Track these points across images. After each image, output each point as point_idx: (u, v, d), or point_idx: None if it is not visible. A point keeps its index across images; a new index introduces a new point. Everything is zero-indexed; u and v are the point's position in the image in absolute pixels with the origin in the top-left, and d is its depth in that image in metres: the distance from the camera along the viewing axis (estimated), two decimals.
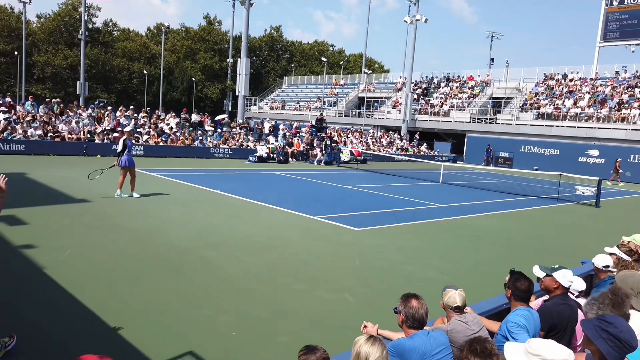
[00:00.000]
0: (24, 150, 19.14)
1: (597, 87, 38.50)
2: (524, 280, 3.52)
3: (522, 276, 3.57)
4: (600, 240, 9.98)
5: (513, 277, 3.57)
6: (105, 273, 6.29)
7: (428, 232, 10.51)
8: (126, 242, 7.81)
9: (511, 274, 3.62)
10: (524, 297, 3.50)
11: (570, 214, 15.05)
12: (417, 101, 46.38)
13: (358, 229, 10.11)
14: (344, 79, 60.90)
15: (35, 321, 4.76)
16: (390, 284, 6.82)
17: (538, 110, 37.74)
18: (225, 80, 70.90)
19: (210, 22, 79.02)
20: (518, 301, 3.51)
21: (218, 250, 7.77)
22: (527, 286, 3.50)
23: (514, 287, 3.50)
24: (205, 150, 24.96)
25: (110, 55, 66.42)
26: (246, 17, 41.33)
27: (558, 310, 3.60)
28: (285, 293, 6.10)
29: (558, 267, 3.90)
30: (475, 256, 8.75)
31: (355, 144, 33.68)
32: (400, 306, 3.16)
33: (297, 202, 12.89)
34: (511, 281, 3.55)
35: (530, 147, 34.65)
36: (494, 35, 70.04)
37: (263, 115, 51.81)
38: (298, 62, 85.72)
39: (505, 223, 12.53)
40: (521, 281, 3.51)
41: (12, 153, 18.51)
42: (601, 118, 34.11)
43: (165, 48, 67.92)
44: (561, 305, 3.64)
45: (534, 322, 3.40)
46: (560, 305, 3.64)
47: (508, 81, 45.56)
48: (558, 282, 3.78)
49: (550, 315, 3.58)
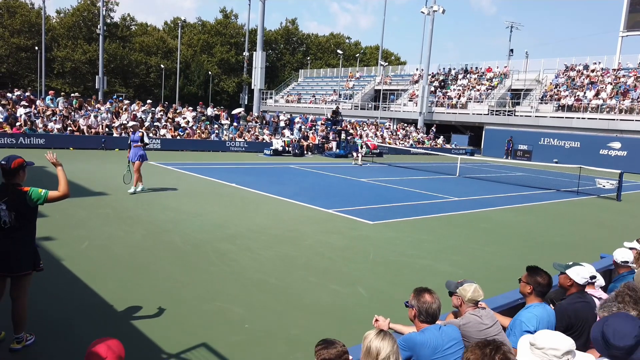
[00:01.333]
0: (44, 144, 19.48)
1: (619, 77, 37.52)
2: (545, 275, 3.45)
3: (542, 270, 3.50)
4: (620, 235, 9.77)
5: (533, 272, 3.50)
6: (121, 265, 6.38)
7: (443, 226, 10.40)
8: (142, 234, 7.90)
9: (529, 269, 3.55)
10: (545, 292, 3.44)
11: (590, 208, 14.75)
12: (434, 93, 45.86)
13: (373, 222, 10.07)
14: (359, 72, 60.51)
15: (52, 311, 4.85)
16: (404, 277, 6.77)
17: (558, 102, 36.99)
18: (241, 73, 71.07)
19: (227, 16, 79.16)
20: (538, 296, 3.45)
21: (233, 243, 7.81)
22: (547, 280, 3.43)
23: (535, 282, 3.43)
24: (221, 144, 25.11)
25: (128, 49, 67.07)
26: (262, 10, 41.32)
27: (574, 309, 3.50)
28: (299, 286, 6.11)
29: (572, 263, 3.81)
30: (490, 250, 8.64)
31: (371, 137, 33.51)
32: (413, 300, 3.12)
33: (311, 195, 12.88)
34: (531, 276, 3.47)
35: (550, 140, 34.03)
36: (513, 25, 68.70)
37: (279, 108, 51.86)
38: (314, 55, 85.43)
39: (523, 217, 12.34)
40: (542, 275, 3.44)
41: (33, 147, 18.86)
42: (624, 110, 33.27)
43: (182, 42, 68.31)
44: (577, 304, 3.55)
45: (548, 319, 3.33)
46: (575, 303, 3.55)
47: (527, 72, 44.67)
48: (572, 280, 3.69)
49: (567, 314, 3.49)
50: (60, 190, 4.17)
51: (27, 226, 4.06)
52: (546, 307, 3.39)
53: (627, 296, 3.11)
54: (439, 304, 3.06)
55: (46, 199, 4.04)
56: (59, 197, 4.16)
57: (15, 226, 3.92)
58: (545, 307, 3.39)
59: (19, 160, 4.02)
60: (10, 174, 3.99)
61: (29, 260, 4.06)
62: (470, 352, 2.16)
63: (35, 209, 4.10)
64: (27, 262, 4.04)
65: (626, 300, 3.09)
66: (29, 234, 4.09)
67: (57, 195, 4.14)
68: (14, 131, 19.21)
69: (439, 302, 3.07)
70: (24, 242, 4.03)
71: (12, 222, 3.91)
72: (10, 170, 3.98)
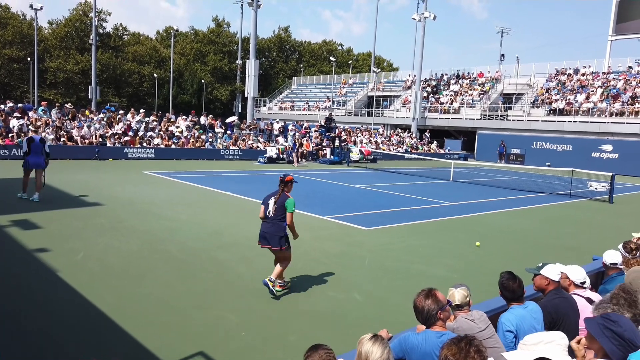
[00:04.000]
0: None
1: (609, 81, 37.97)
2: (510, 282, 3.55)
3: (511, 278, 3.59)
4: (613, 237, 9.88)
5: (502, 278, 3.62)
6: (117, 275, 6.38)
7: (438, 231, 10.47)
8: (138, 244, 7.91)
9: (500, 275, 3.67)
10: (511, 298, 3.55)
11: (583, 210, 14.89)
12: (427, 99, 46.15)
13: (368, 228, 10.12)
14: (352, 78, 60.81)
15: (48, 324, 4.85)
16: (399, 283, 6.82)
17: (550, 106, 37.33)
18: (234, 81, 71.23)
19: (219, 24, 79.37)
20: (510, 302, 3.57)
21: (228, 251, 7.83)
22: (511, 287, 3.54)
23: (503, 287, 3.56)
24: (215, 152, 25.13)
25: (120, 59, 67.08)
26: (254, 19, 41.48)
27: (553, 305, 3.64)
28: (295, 292, 6.14)
29: (542, 264, 3.96)
30: (485, 253, 8.71)
31: (365, 143, 33.65)
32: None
33: (306, 203, 12.91)
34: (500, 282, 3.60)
35: (542, 143, 34.32)
36: (504, 30, 69.40)
37: (273, 116, 51.95)
38: (307, 62, 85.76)
39: (517, 220, 12.44)
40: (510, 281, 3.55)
41: None
42: (614, 112, 33.64)
43: (174, 51, 68.40)
44: (555, 300, 3.69)
45: (531, 318, 3.42)
46: (554, 299, 3.68)
47: (519, 77, 45.08)
48: (548, 278, 3.83)
49: (547, 311, 3.62)
50: (290, 222, 6.08)
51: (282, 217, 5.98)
52: (527, 306, 3.50)
53: (621, 298, 3.17)
54: (428, 309, 2.98)
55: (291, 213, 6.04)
56: (290, 223, 6.05)
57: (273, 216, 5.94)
58: (527, 307, 3.50)
59: (290, 177, 6.18)
60: (284, 184, 6.08)
61: (282, 241, 5.96)
62: (446, 348, 2.24)
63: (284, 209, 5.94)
64: (281, 242, 5.94)
65: (621, 302, 3.14)
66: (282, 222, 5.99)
67: (290, 222, 6.05)
68: (7, 142, 19.16)
69: (429, 308, 2.99)
70: (278, 227, 5.93)
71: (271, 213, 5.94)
72: (284, 181, 6.08)
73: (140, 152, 22.38)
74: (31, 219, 9.11)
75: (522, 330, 3.33)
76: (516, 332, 3.32)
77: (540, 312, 3.53)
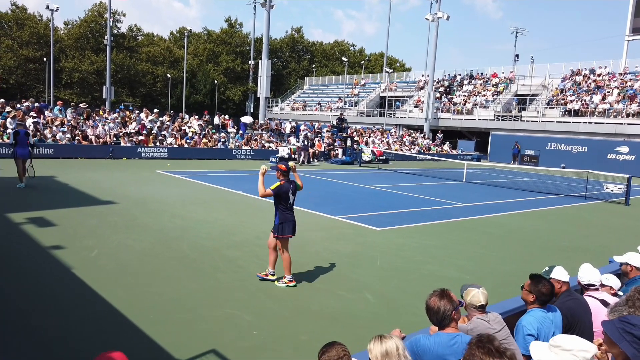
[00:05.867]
0: (53, 154, 19.69)
1: (626, 81, 37.36)
2: (547, 283, 3.48)
3: (544, 279, 3.52)
4: (629, 239, 9.72)
5: (536, 281, 3.52)
6: (131, 272, 6.44)
7: (450, 232, 10.39)
8: (151, 242, 7.97)
9: (532, 278, 3.57)
10: (546, 301, 3.47)
11: (599, 212, 14.67)
12: (440, 99, 45.87)
13: (379, 228, 10.08)
14: (364, 79, 60.70)
15: (61, 320, 4.90)
16: (411, 283, 6.78)
17: (565, 107, 36.87)
18: (247, 82, 71.50)
19: (232, 25, 79.79)
20: (540, 305, 3.48)
21: (240, 250, 7.85)
22: (550, 289, 3.46)
23: (538, 291, 3.45)
24: (227, 152, 25.25)
25: (135, 59, 67.75)
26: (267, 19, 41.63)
27: (567, 307, 3.60)
28: (307, 292, 6.13)
29: (548, 268, 3.94)
30: (498, 255, 8.62)
31: (377, 143, 33.55)
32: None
33: (318, 203, 12.91)
34: (534, 285, 3.49)
35: (557, 145, 33.87)
36: (519, 30, 68.70)
37: (285, 116, 52.06)
38: (319, 63, 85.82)
39: (530, 222, 12.30)
40: (544, 284, 3.47)
41: (42, 157, 19.07)
42: (631, 114, 33.10)
43: (188, 52, 68.92)
44: (568, 302, 3.65)
45: (551, 321, 3.36)
46: (566, 302, 3.64)
47: (533, 77, 44.59)
48: (560, 281, 3.78)
49: (562, 313, 3.57)
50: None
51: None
52: (548, 310, 3.43)
53: (637, 300, 3.11)
54: (444, 309, 2.93)
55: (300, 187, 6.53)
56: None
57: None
58: (547, 311, 3.42)
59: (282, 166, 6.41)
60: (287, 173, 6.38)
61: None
62: (475, 348, 2.23)
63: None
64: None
65: (637, 305, 3.09)
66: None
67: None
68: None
69: (445, 308, 2.93)
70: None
71: (293, 202, 6.41)
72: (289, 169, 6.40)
73: (154, 152, 22.56)
74: (46, 217, 9.23)
75: (542, 334, 3.27)
76: (537, 335, 3.26)
77: (560, 316, 3.46)
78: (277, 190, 6.22)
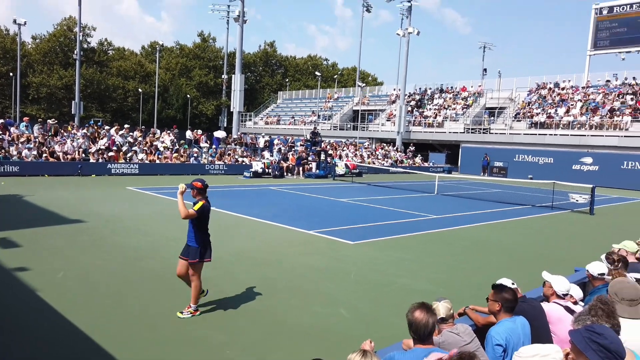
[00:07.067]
0: (19, 171, 19.12)
1: (588, 95, 38.86)
2: (510, 290, 3.59)
3: (506, 286, 3.63)
4: (594, 248, 10.02)
5: (498, 289, 3.62)
6: (100, 293, 6.28)
7: (423, 244, 10.52)
8: (121, 262, 7.80)
9: (494, 287, 3.68)
10: (512, 307, 3.55)
11: (565, 222, 15.10)
12: (411, 113, 46.67)
13: (353, 242, 10.12)
14: (338, 93, 61.28)
15: (25, 345, 4.74)
16: (385, 297, 6.82)
17: (531, 120, 38.02)
18: (220, 96, 71.20)
19: (205, 39, 79.56)
20: (507, 312, 3.56)
21: (213, 267, 7.75)
22: (513, 295, 3.57)
23: (503, 298, 3.55)
24: (200, 167, 25.01)
25: (105, 74, 66.72)
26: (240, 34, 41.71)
27: (521, 310, 3.68)
28: (281, 309, 6.10)
29: (502, 280, 4.01)
30: (469, 266, 8.77)
31: (351, 157, 33.80)
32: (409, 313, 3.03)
33: (292, 217, 12.90)
34: (498, 294, 3.60)
35: (525, 156, 34.86)
36: (487, 45, 70.67)
37: (258, 130, 51.99)
38: (292, 77, 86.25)
39: (500, 232, 12.57)
40: (507, 291, 3.57)
41: (7, 175, 18.50)
42: (594, 125, 34.38)
43: (160, 66, 68.29)
44: (520, 305, 3.71)
45: (519, 330, 3.45)
46: (519, 305, 3.70)
47: (501, 91, 45.94)
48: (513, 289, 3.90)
49: None
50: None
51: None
52: (516, 320, 3.51)
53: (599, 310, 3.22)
54: (432, 322, 2.93)
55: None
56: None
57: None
58: (515, 320, 3.51)
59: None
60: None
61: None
62: None
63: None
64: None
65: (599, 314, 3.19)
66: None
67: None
68: None
69: (430, 321, 2.93)
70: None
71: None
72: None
73: (124, 168, 22.17)
74: (10, 237, 8.94)
75: (511, 344, 3.35)
76: (505, 345, 3.34)
77: (529, 325, 3.55)
78: (201, 211, 5.72)
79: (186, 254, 5.78)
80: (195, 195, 5.83)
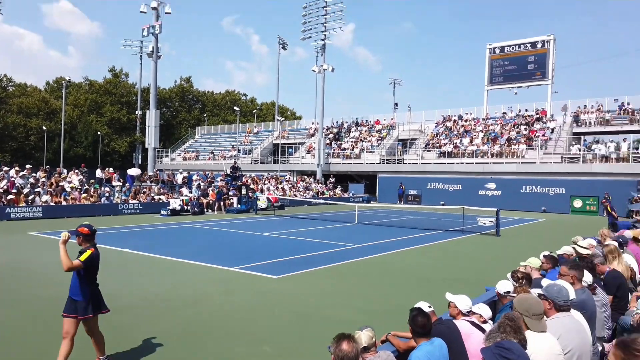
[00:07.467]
0: None
1: (488, 126, 42.40)
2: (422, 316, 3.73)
3: (420, 312, 3.78)
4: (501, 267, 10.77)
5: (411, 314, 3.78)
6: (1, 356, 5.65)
7: (345, 273, 10.69)
8: (27, 316, 7.10)
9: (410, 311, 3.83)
10: (427, 332, 3.70)
11: (474, 244, 16.11)
12: (330, 145, 47.95)
13: (277, 276, 10.04)
14: (257, 127, 61.53)
15: None
16: (309, 329, 6.81)
17: (440, 149, 40.61)
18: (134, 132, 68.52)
19: (117, 75, 76.75)
20: (424, 336, 3.70)
21: (129, 314, 7.30)
22: (426, 320, 3.71)
23: (413, 323, 3.71)
24: (112, 207, 23.66)
25: (4, 112, 61.76)
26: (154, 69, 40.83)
27: (438, 331, 3.86)
28: (201, 354, 5.85)
29: (420, 303, 4.19)
30: (390, 292, 9.03)
31: (272, 190, 33.80)
32: (333, 346, 3.03)
33: (213, 254, 12.56)
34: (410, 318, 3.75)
35: (436, 184, 37.00)
36: (396, 82, 75.18)
37: (176, 166, 50.48)
38: (210, 112, 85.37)
39: (417, 258, 13.12)
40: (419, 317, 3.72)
41: None
42: (494, 154, 37.43)
43: (67, 102, 64.55)
44: (437, 326, 3.92)
45: (437, 352, 3.60)
46: (436, 327, 3.90)
47: (411, 124, 48.82)
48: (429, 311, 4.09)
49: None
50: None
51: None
52: (434, 343, 3.66)
53: (507, 326, 3.47)
54: (356, 353, 2.99)
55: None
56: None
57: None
58: (434, 343, 3.66)
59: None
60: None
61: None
62: None
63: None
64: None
65: (507, 330, 3.44)
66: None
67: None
68: None
69: (357, 351, 3.00)
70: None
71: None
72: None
73: (26, 212, 20.41)
74: None
75: None
76: None
77: (446, 347, 3.72)
78: (90, 261, 5.04)
79: (73, 311, 5.02)
80: (82, 243, 5.14)
